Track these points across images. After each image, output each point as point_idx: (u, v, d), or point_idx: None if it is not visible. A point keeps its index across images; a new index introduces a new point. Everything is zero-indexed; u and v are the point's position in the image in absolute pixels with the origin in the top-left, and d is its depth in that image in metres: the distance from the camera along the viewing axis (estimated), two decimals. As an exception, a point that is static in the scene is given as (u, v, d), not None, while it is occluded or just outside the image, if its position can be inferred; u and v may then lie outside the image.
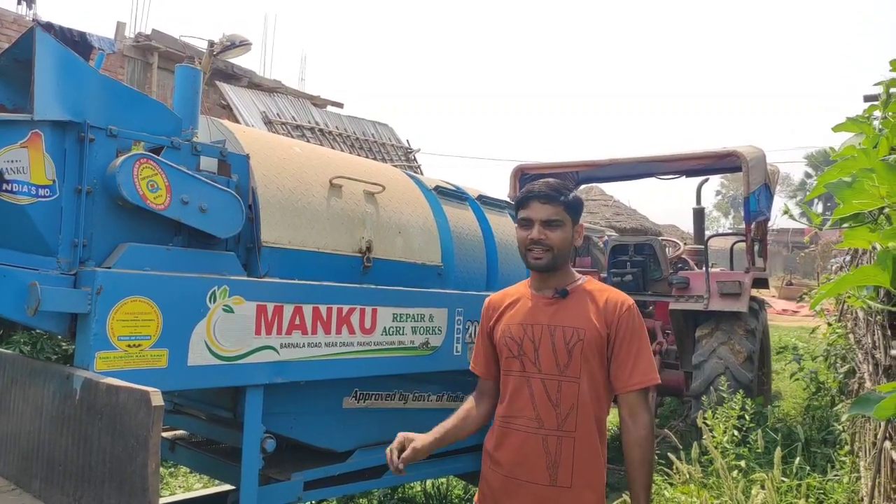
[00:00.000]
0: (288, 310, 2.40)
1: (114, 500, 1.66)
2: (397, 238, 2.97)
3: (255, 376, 2.31)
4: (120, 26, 11.44)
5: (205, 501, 3.21)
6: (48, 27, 10.02)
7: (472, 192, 3.81)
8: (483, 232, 3.54)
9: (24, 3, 10.50)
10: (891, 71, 1.62)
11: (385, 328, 2.74)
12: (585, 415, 2.00)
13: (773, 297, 21.84)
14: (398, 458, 2.01)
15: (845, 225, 1.36)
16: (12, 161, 1.85)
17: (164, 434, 3.24)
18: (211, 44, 7.79)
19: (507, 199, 4.23)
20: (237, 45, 7.75)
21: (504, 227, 3.73)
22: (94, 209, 2.10)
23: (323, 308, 2.52)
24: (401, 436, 2.06)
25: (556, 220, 2.05)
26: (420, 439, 2.06)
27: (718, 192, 58.08)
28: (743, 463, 3.89)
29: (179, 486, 4.66)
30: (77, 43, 10.34)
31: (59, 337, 4.27)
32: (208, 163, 2.47)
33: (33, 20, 10.12)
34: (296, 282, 2.46)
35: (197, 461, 3.03)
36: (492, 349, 2.21)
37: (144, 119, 2.26)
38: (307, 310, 2.47)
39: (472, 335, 3.05)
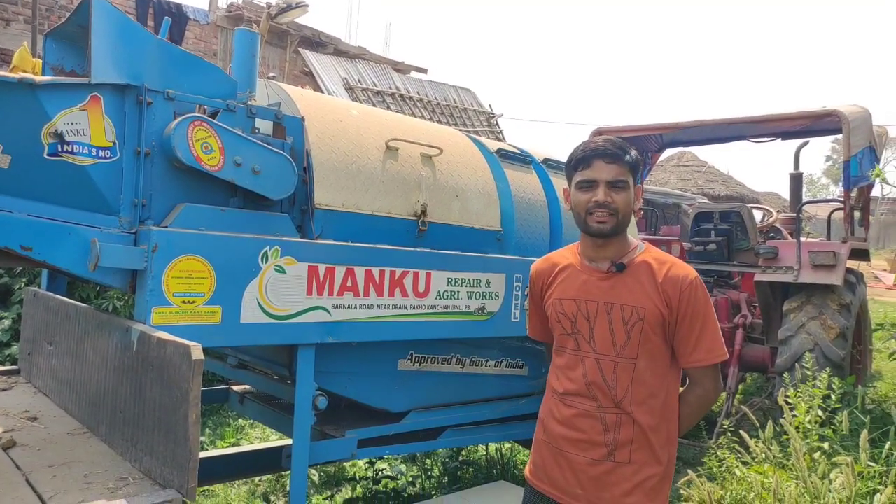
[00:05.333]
0: (339, 271, 2.43)
1: (161, 447, 1.74)
2: (454, 202, 2.93)
3: (306, 335, 2.36)
4: (213, -3, 11.86)
5: (269, 453, 3.35)
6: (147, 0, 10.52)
7: (538, 156, 3.69)
8: (547, 196, 3.43)
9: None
10: None
11: (439, 292, 2.73)
12: (645, 394, 1.90)
13: (885, 270, 20.31)
14: None
15: None
16: (72, 123, 1.94)
17: (236, 388, 3.40)
18: (268, 6, 7.93)
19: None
20: (293, 6, 7.84)
21: (571, 191, 3.59)
22: (153, 170, 2.18)
23: (375, 270, 2.53)
24: None
25: (622, 181, 1.91)
26: None
27: (829, 158, 53.74)
28: (826, 445, 3.64)
29: (257, 437, 4.92)
30: (173, 14, 10.83)
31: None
32: (265, 126, 2.51)
33: (133, -7, 10.63)
34: (347, 244, 2.47)
35: (262, 414, 3.16)
36: (546, 316, 2.14)
37: (201, 82, 2.31)
38: (359, 272, 2.48)
39: (531, 301, 2.98)
